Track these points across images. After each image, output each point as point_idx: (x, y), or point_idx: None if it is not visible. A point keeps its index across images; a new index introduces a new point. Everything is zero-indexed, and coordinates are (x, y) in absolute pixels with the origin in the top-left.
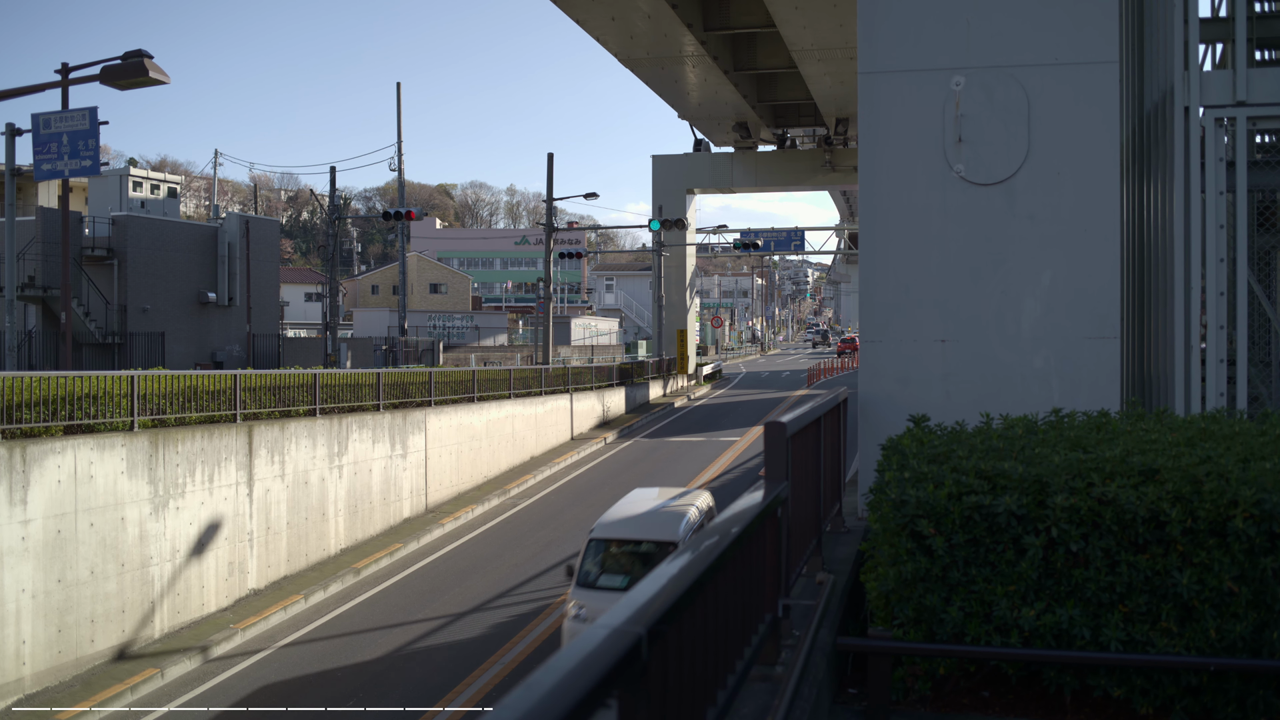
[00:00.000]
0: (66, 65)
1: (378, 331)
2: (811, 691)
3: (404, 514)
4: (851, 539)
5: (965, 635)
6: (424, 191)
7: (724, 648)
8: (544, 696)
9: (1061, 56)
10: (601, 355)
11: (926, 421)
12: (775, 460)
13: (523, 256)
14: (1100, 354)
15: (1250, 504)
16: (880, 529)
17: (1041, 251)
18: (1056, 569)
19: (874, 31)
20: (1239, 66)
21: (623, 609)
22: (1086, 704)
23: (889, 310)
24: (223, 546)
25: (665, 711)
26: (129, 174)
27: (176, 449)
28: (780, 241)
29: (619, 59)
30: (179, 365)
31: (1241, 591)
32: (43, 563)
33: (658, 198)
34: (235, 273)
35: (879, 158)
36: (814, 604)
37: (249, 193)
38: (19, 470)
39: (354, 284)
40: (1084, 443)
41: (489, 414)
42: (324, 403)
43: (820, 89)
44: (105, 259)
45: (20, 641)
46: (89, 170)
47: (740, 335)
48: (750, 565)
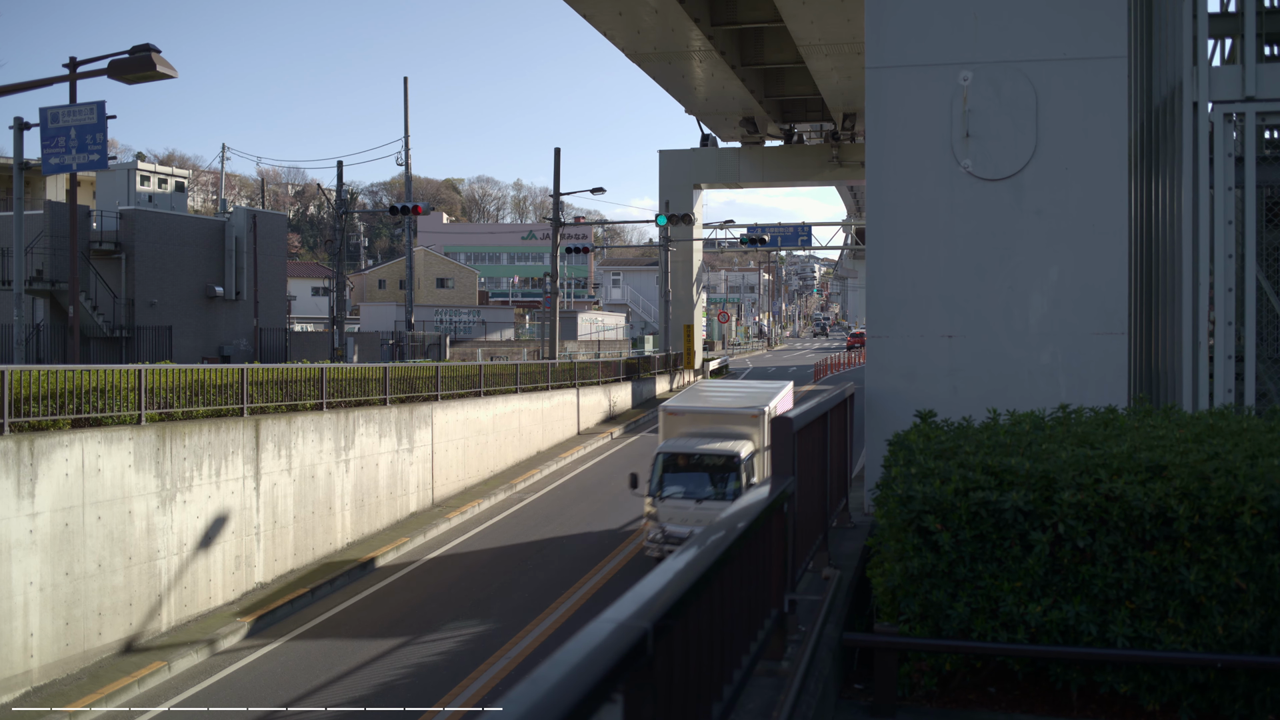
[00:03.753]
0: (74, 59)
1: (384, 326)
2: (817, 687)
3: (410, 508)
4: (858, 534)
5: (971, 631)
6: (431, 186)
7: (729, 642)
8: (549, 691)
9: (1069, 52)
10: (608, 350)
11: (933, 417)
12: (781, 455)
13: (529, 251)
14: (1107, 350)
15: (1258, 500)
16: (887, 524)
17: (1049, 247)
18: (1063, 565)
19: (881, 26)
20: (1248, 62)
21: (628, 603)
22: (1093, 700)
23: (896, 305)
24: (229, 540)
25: (671, 706)
26: (137, 168)
27: (183, 443)
28: (787, 237)
29: (626, 54)
30: (186, 359)
31: (1249, 588)
32: (50, 556)
33: (664, 193)
34: (242, 267)
35: (886, 153)
36: (820, 599)
37: (256, 187)
38: (27, 463)
39: (361, 278)
40: (1091, 439)
41: (495, 409)
42: (331, 397)
43: (827, 84)
44: (113, 253)
45: (28, 634)
46: (97, 164)
47: (747, 330)
48: (756, 560)
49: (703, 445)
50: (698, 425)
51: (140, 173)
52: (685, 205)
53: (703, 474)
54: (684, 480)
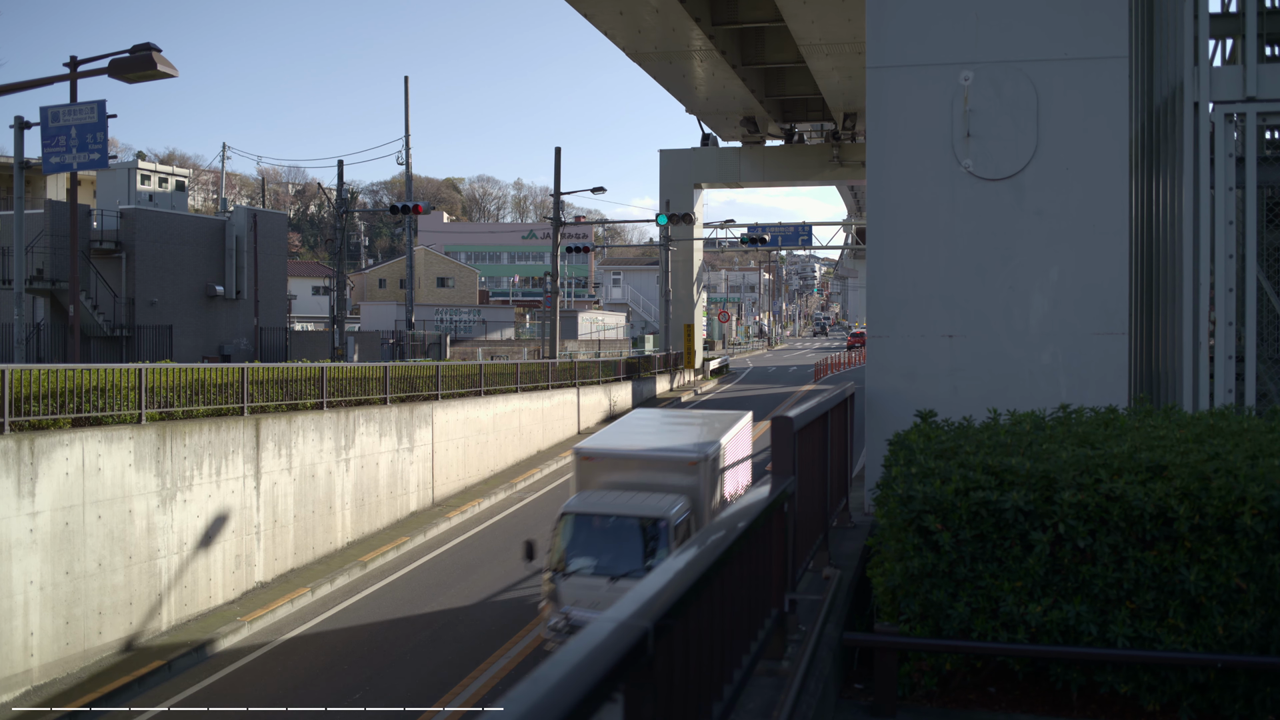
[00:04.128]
0: (75, 58)
1: (385, 325)
2: (817, 686)
3: (410, 507)
4: (858, 534)
5: (972, 631)
6: (431, 185)
7: (730, 642)
8: (550, 690)
9: (1070, 52)
10: (608, 349)
11: (934, 417)
12: (782, 455)
13: (530, 251)
14: (1108, 350)
15: (1259, 500)
16: (887, 524)
17: (1049, 247)
18: (1064, 565)
19: (882, 26)
20: (1249, 62)
21: (629, 603)
22: (1093, 700)
23: (896, 305)
24: (229, 539)
25: (671, 705)
26: (137, 167)
27: (184, 442)
28: (788, 236)
29: (626, 53)
30: (186, 358)
31: (1249, 588)
32: (51, 555)
33: (665, 192)
34: (243, 266)
35: (887, 152)
36: (820, 599)
37: (256, 186)
38: (27, 462)
39: (361, 278)
40: (1092, 439)
41: (496, 408)
42: (331, 396)
43: (828, 84)
44: (113, 252)
45: (29, 633)
46: (97, 163)
47: (747, 330)
48: (756, 560)
49: (622, 503)
50: (620, 473)
51: (141, 172)
52: (686, 205)
53: (620, 542)
54: (596, 548)
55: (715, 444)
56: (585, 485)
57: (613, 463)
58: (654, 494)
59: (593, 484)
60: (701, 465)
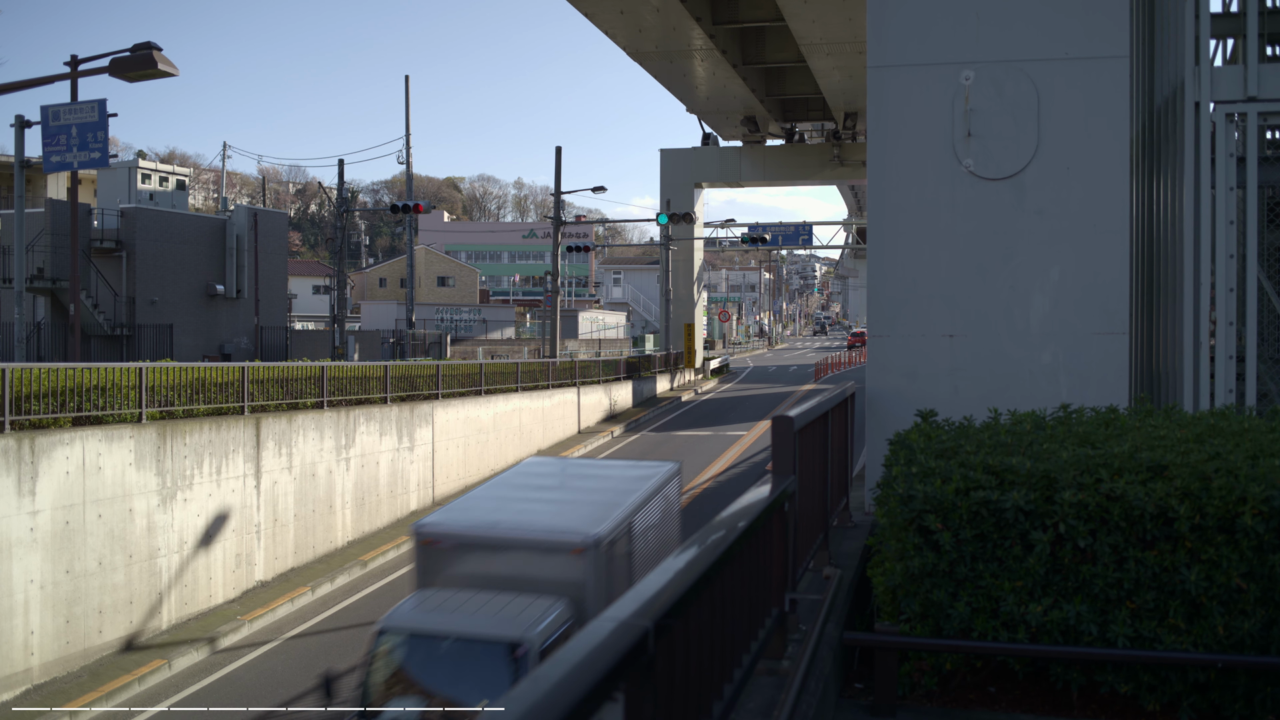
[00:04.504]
0: (75, 57)
1: (385, 324)
2: (818, 686)
3: (411, 507)
4: (858, 534)
5: (972, 631)
6: (432, 185)
7: (730, 641)
8: (551, 690)
9: (1071, 51)
10: (609, 349)
11: (934, 416)
12: (782, 454)
13: (530, 250)
14: (1108, 350)
15: (1259, 500)
16: (887, 524)
17: (1050, 247)
18: (1064, 565)
19: (883, 25)
20: (1250, 62)
21: (629, 602)
22: (1093, 700)
23: (897, 305)
24: (230, 538)
25: (671, 705)
26: (137, 166)
27: (184, 441)
28: (788, 236)
29: (627, 53)
30: (187, 357)
31: (1250, 588)
32: (51, 554)
33: (666, 192)
34: (243, 265)
35: (887, 152)
36: (821, 598)
37: (257, 185)
38: (27, 461)
39: (362, 277)
40: (1092, 439)
41: (496, 407)
42: (331, 395)
43: (829, 83)
44: (114, 251)
45: (29, 632)
46: (98, 162)
47: (748, 329)
48: (757, 559)
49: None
50: (477, 563)
51: (141, 171)
52: (686, 204)
53: (459, 676)
54: (428, 678)
55: (617, 519)
56: (430, 580)
57: (465, 550)
58: (521, 596)
59: (440, 578)
60: (590, 552)
